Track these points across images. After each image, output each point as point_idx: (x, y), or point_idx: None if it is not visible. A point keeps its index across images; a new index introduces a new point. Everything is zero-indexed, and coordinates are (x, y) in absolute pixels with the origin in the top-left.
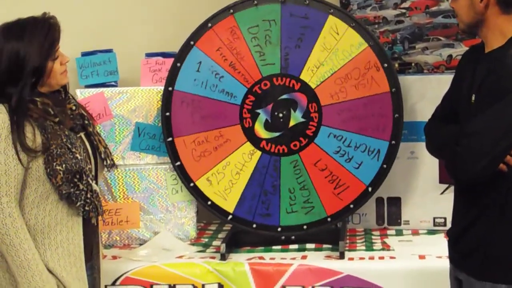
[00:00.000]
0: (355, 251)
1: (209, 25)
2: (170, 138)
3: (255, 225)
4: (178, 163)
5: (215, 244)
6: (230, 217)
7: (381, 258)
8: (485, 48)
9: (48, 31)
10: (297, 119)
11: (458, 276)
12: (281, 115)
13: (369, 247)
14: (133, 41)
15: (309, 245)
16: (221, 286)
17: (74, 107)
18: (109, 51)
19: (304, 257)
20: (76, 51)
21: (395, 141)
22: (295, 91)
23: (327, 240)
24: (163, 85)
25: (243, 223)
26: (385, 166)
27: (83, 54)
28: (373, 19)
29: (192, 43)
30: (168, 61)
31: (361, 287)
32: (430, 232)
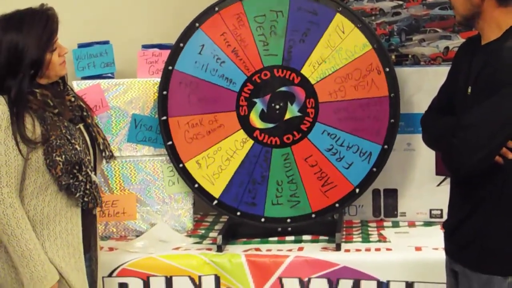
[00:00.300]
0: (351, 242)
1: (216, 9)
2: (164, 117)
3: (239, 213)
4: (169, 143)
5: (211, 235)
6: (215, 202)
7: (378, 249)
8: (481, 40)
9: (46, 23)
10: (293, 112)
11: (454, 268)
12: (277, 107)
13: (366, 238)
14: (130, 33)
15: (305, 237)
16: (218, 277)
17: (73, 99)
18: (106, 42)
19: (300, 249)
20: (72, 43)
21: (387, 146)
22: (294, 84)
23: (324, 231)
24: (160, 77)
25: (227, 210)
26: (375, 169)
27: (79, 45)
28: (370, 10)
29: (197, 25)
30: (164, 53)
31: (358, 278)
32: (426, 224)
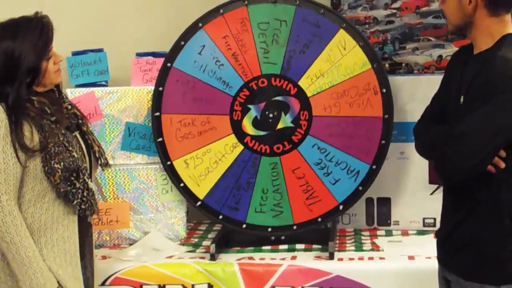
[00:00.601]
0: (344, 251)
1: (221, 11)
2: (157, 113)
3: (221, 216)
4: (160, 139)
5: (205, 244)
6: (199, 203)
7: (371, 258)
8: (474, 49)
9: (41, 31)
10: (286, 122)
11: (446, 276)
12: (271, 116)
13: (359, 247)
14: (124, 41)
15: (298, 246)
16: (211, 286)
17: (69, 106)
18: (100, 50)
19: (293, 258)
20: (66, 51)
21: (376, 166)
22: (290, 95)
23: (317, 240)
24: (154, 85)
25: (210, 212)
26: (360, 188)
27: (73, 53)
28: (363, 19)
29: (200, 25)
30: (158, 61)
31: (351, 287)
32: (419, 232)
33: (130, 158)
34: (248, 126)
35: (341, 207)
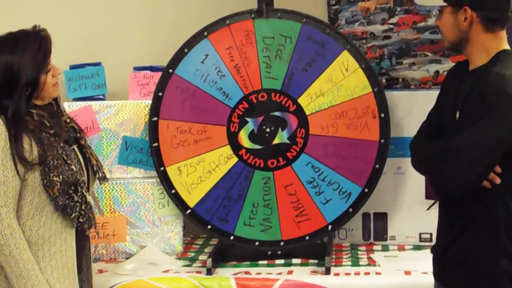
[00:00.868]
0: (341, 266)
1: (227, 22)
2: (155, 117)
3: (210, 226)
4: (155, 144)
5: (201, 258)
6: (189, 211)
7: (367, 273)
8: (469, 65)
9: (40, 44)
10: (282, 138)
11: None
12: (268, 130)
13: (355, 262)
14: (122, 55)
15: (295, 260)
16: None
17: (68, 120)
18: (98, 64)
19: (290, 272)
20: (64, 64)
21: (368, 190)
22: (288, 111)
23: (313, 255)
24: (151, 99)
25: (199, 221)
26: (351, 210)
27: (71, 67)
28: (360, 34)
29: (205, 34)
30: (156, 75)
31: None
32: (416, 247)
33: (127, 172)
34: (244, 138)
35: (330, 227)
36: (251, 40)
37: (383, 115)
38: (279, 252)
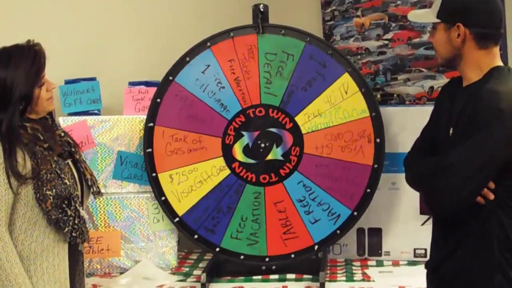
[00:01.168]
0: (335, 281)
1: (231, 34)
2: (151, 123)
3: (196, 236)
4: (149, 150)
5: (195, 273)
6: (177, 219)
7: None
8: (463, 81)
9: (34, 59)
10: (276, 155)
11: None
12: (262, 145)
13: (350, 277)
14: (117, 70)
15: (289, 275)
16: None
17: (62, 134)
18: (93, 79)
19: None
20: (59, 79)
21: (357, 213)
22: (285, 128)
23: (308, 270)
24: (146, 114)
25: (186, 229)
26: (338, 232)
27: (66, 82)
28: (355, 50)
29: (208, 44)
30: (151, 90)
31: None
32: (410, 263)
33: (121, 187)
34: (238, 152)
35: (316, 247)
36: (254, 54)
37: (378, 140)
38: (273, 267)
